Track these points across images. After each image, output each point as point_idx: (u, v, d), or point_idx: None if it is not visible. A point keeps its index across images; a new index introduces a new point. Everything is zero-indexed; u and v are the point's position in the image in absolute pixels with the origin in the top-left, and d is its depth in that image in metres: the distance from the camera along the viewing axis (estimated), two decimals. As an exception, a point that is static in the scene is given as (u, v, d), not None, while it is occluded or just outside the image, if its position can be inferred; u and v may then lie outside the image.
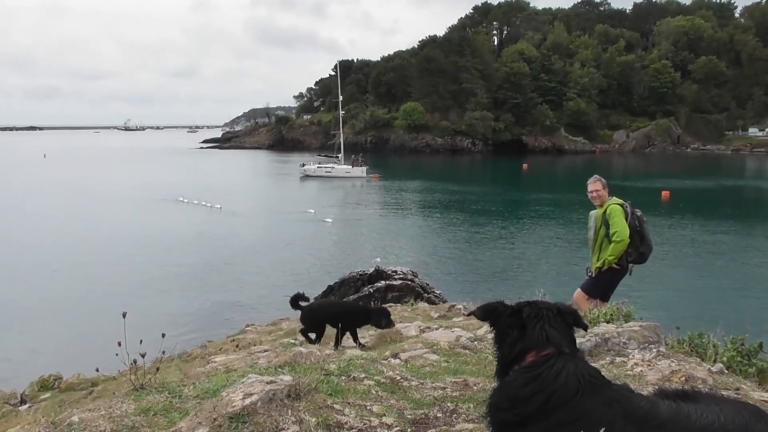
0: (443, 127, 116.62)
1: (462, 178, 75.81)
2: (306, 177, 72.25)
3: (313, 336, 7.48)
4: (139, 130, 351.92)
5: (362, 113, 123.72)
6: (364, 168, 72.63)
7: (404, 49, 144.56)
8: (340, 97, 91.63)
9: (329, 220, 39.14)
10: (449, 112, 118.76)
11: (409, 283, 21.22)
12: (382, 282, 21.38)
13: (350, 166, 73.44)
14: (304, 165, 75.25)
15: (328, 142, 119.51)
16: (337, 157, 78.31)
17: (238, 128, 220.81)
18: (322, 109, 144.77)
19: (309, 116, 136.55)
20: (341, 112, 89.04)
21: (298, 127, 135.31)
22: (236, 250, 32.37)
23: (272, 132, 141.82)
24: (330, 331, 7.42)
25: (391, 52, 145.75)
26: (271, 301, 22.90)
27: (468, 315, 2.90)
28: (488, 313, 2.57)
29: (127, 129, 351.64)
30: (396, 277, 21.69)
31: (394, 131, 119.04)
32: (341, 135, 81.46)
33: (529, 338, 2.40)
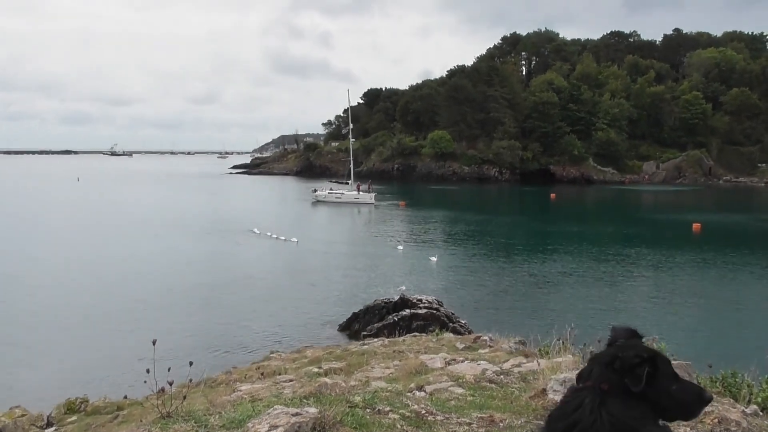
0: (470, 156, 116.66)
1: (488, 207, 75.52)
2: (317, 202, 74.12)
3: None
4: (125, 155, 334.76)
5: (389, 141, 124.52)
6: (373, 194, 74.22)
7: (433, 78, 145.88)
8: (350, 125, 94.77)
9: (400, 248, 39.49)
10: (477, 141, 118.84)
11: (434, 312, 21.11)
12: (407, 310, 21.31)
13: (358, 192, 75.55)
14: (316, 191, 77.32)
15: (356, 169, 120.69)
16: (348, 183, 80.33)
17: (267, 154, 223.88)
18: (352, 138, 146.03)
19: (337, 143, 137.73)
20: (351, 140, 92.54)
21: (326, 154, 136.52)
22: (261, 277, 32.55)
23: (300, 158, 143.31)
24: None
25: (420, 81, 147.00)
26: (296, 327, 22.92)
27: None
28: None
29: (113, 154, 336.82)
30: (421, 305, 21.60)
31: (421, 159, 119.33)
32: (351, 162, 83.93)
33: (582, 370, 2.43)
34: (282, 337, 21.64)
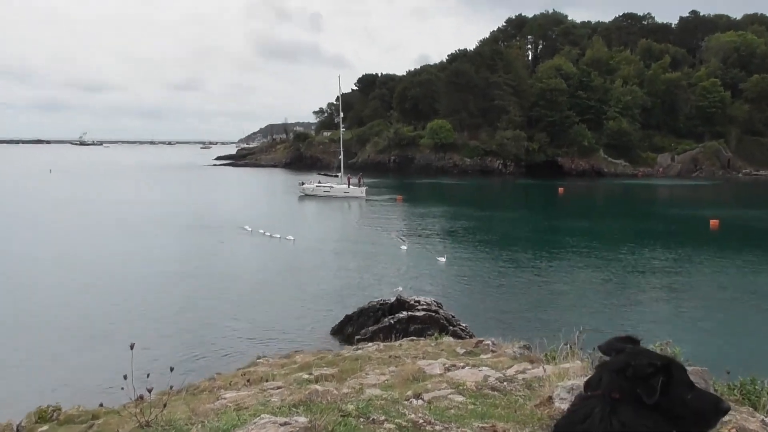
0: (472, 147, 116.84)
1: (492, 201, 75.63)
2: (304, 196, 74.55)
3: None
4: (96, 144, 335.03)
5: (386, 130, 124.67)
6: (363, 188, 74.70)
7: (432, 64, 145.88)
8: (341, 114, 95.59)
9: (404, 247, 39.33)
10: (479, 131, 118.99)
11: (433, 314, 21.15)
12: (404, 313, 21.34)
13: (347, 186, 76.13)
14: (303, 183, 77.62)
15: (349, 160, 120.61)
16: (337, 176, 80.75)
17: (253, 145, 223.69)
18: (344, 125, 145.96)
19: (329, 133, 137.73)
20: (342, 129, 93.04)
21: (317, 144, 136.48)
22: (248, 276, 32.55)
23: (290, 149, 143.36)
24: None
25: (418, 66, 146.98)
26: (284, 331, 22.94)
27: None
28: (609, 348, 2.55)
29: (82, 143, 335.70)
30: (419, 307, 21.64)
31: (419, 150, 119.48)
32: (341, 153, 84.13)
33: (591, 378, 2.43)
34: (270, 341, 21.64)
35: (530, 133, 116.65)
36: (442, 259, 35.25)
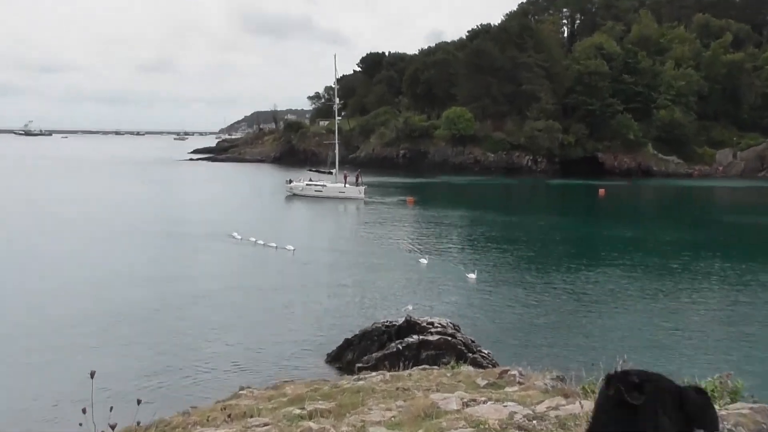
0: (497, 140, 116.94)
1: (519, 205, 75.59)
2: (293, 196, 75.21)
3: None
4: (45, 134, 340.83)
5: (394, 120, 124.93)
6: (362, 188, 74.94)
7: (449, 41, 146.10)
8: (336, 100, 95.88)
9: (423, 260, 39.08)
10: (505, 121, 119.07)
11: (449, 339, 21.11)
12: (415, 336, 21.31)
13: (343, 185, 76.53)
14: (291, 181, 78.13)
15: (350, 155, 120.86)
16: (331, 173, 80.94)
17: (237, 136, 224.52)
18: (344, 113, 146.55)
19: (326, 122, 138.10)
20: (338, 118, 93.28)
21: (312, 135, 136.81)
22: (231, 292, 32.60)
23: (280, 141, 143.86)
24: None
25: (432, 45, 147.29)
26: (272, 357, 22.93)
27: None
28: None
29: (27, 133, 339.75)
30: (432, 330, 21.61)
31: (433, 143, 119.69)
32: (336, 146, 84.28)
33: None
34: (255, 368, 21.64)
35: (565, 124, 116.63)
36: (472, 276, 34.71)
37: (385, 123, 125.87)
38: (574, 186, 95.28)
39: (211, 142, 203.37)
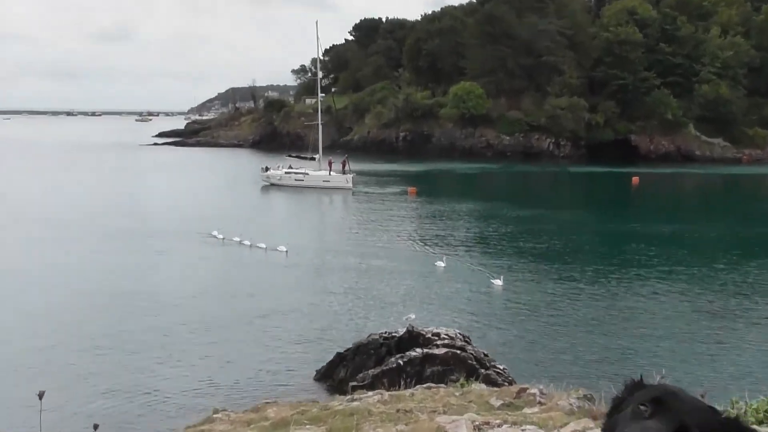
0: (512, 120, 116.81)
1: (539, 196, 75.52)
2: (270, 186, 75.93)
3: None
4: None
5: (393, 97, 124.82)
6: (350, 176, 75.24)
7: (456, 5, 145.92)
8: (320, 74, 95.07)
9: (441, 263, 38.80)
10: (522, 98, 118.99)
11: (458, 352, 21.15)
12: (418, 350, 21.34)
13: (329, 172, 76.93)
14: (267, 169, 78.60)
15: (342, 138, 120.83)
16: (314, 158, 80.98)
17: (209, 116, 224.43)
18: (334, 90, 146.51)
19: (314, 100, 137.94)
20: (321, 96, 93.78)
21: (297, 116, 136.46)
22: (205, 300, 32.62)
23: (260, 123, 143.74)
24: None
25: (437, 9, 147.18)
26: (253, 374, 22.93)
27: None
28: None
29: None
30: (438, 342, 21.64)
31: (439, 124, 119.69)
32: (320, 126, 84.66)
33: None
34: (232, 387, 21.65)
35: (593, 102, 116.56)
36: (498, 282, 34.47)
37: (382, 101, 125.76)
38: (603, 174, 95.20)
39: (180, 123, 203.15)
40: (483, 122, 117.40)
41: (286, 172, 77.63)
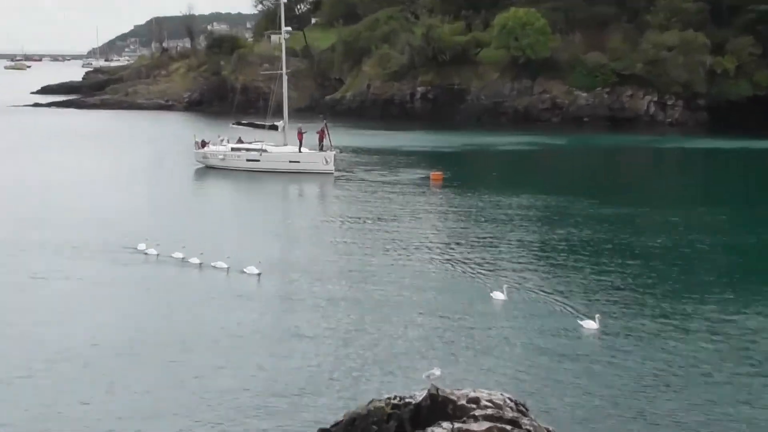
0: (593, 67, 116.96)
1: (638, 187, 75.37)
2: (206, 169, 76.80)
3: None
4: None
5: (406, 31, 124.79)
6: (330, 153, 74.37)
7: None
8: None
9: (500, 295, 38.76)
10: (605, 33, 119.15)
11: (509, 428, 21.25)
12: (446, 425, 21.44)
13: (298, 149, 76.24)
14: (204, 144, 78.16)
15: (326, 96, 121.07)
16: (276, 127, 79.95)
17: (119, 62, 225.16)
18: (314, 20, 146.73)
19: (287, 36, 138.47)
20: (285, 30, 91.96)
21: (258, 61, 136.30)
22: (140, 348, 32.79)
23: (200, 72, 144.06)
24: None
25: None
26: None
27: None
28: None
29: None
30: (477, 413, 21.74)
31: (477, 74, 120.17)
32: (285, 77, 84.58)
33: None
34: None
35: (719, 38, 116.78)
36: (591, 325, 34.42)
37: (389, 38, 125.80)
38: (736, 151, 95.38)
39: (75, 73, 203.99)
40: (546, 71, 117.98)
41: (232, 149, 77.07)
